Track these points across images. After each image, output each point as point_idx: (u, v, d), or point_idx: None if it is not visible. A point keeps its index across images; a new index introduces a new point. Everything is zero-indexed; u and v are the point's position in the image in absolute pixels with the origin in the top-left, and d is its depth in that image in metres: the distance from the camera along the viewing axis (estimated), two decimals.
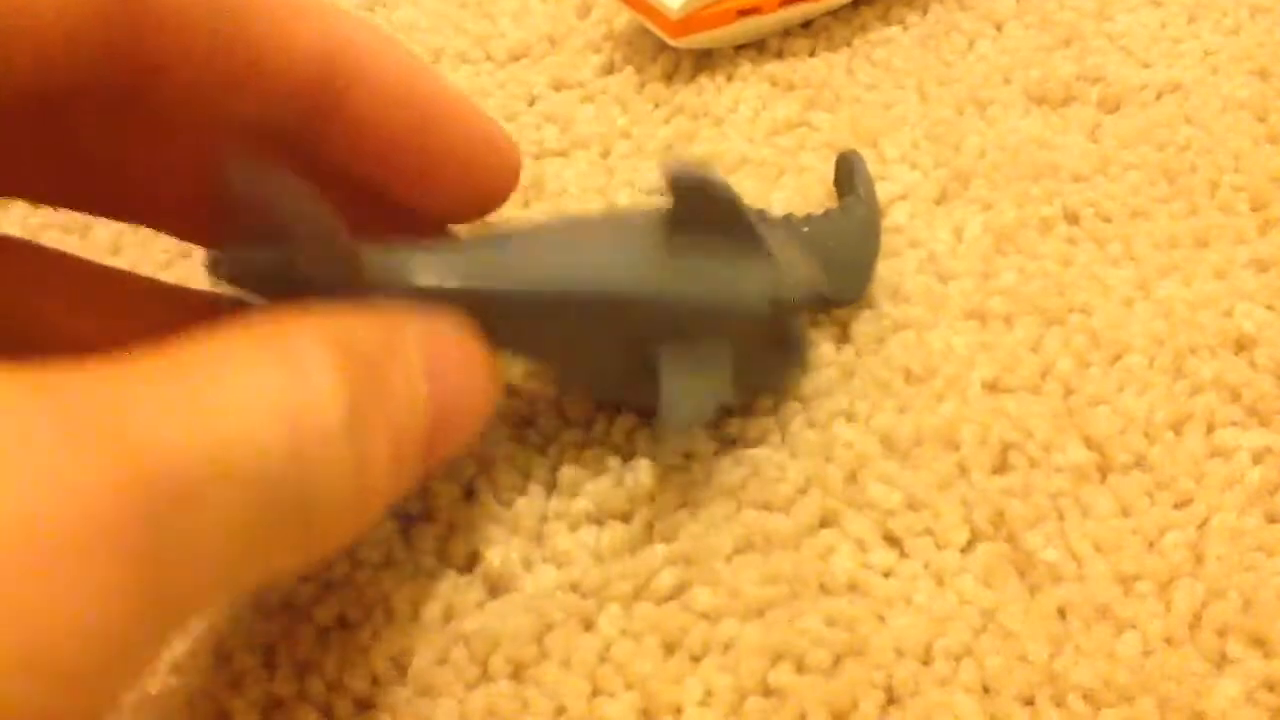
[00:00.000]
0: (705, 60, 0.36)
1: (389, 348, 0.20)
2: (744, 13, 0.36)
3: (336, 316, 0.19)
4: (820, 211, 0.29)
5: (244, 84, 0.21)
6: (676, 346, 0.24)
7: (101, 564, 0.14)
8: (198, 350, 0.17)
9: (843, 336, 0.28)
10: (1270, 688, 0.23)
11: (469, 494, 0.25)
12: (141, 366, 0.16)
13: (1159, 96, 0.35)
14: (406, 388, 0.20)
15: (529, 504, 0.25)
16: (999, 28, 0.37)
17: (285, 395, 0.17)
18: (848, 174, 0.30)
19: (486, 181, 0.25)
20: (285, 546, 0.18)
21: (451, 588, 0.24)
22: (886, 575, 0.25)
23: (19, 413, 0.14)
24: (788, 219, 0.28)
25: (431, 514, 0.25)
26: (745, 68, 0.36)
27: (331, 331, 0.19)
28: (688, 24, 0.35)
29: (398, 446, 0.19)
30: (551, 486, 0.26)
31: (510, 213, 0.31)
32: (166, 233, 0.26)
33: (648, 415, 0.26)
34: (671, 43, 0.35)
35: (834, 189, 0.31)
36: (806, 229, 0.28)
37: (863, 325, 0.28)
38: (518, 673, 0.23)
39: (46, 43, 0.19)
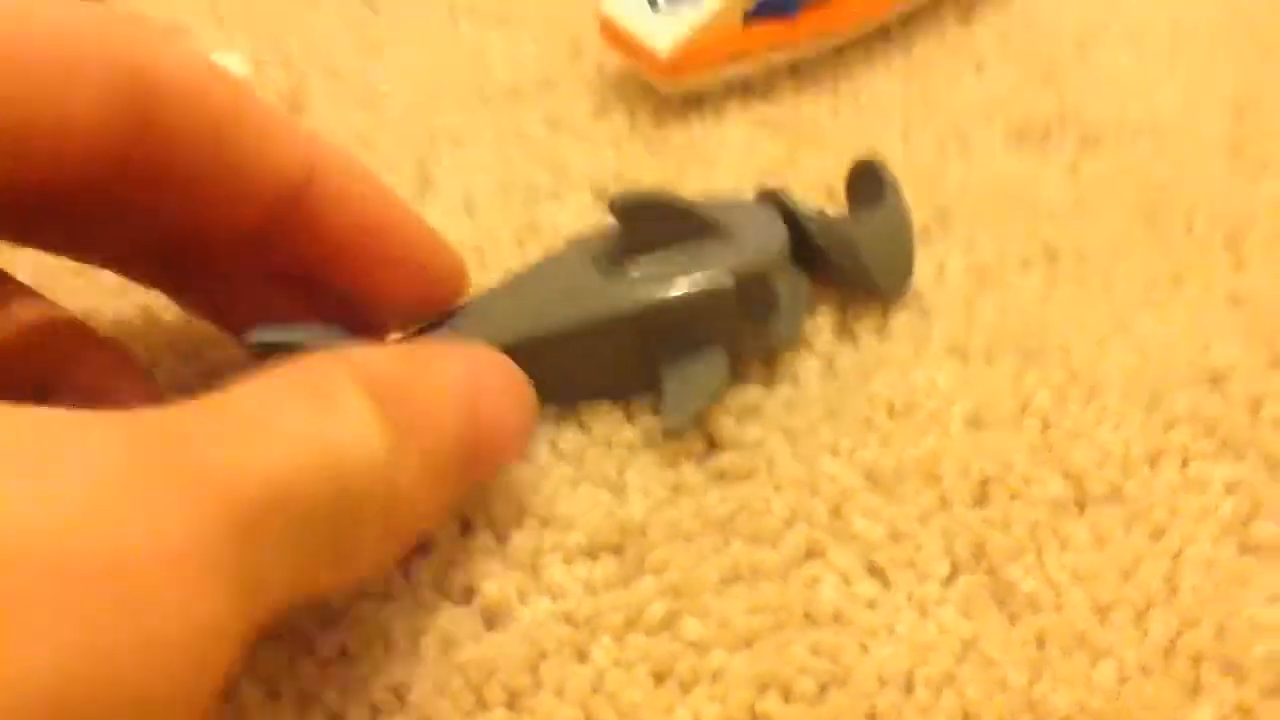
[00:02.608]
0: (694, 102, 0.37)
1: (419, 379, 0.22)
2: (731, 57, 0.36)
3: (367, 355, 0.21)
4: (857, 212, 0.30)
5: (229, 187, 0.23)
6: (674, 354, 0.27)
7: (207, 581, 0.16)
8: (243, 393, 0.19)
9: (828, 372, 0.29)
10: (1243, 713, 0.24)
11: (466, 528, 0.26)
12: (199, 407, 0.18)
13: (1136, 135, 0.36)
14: (438, 416, 0.22)
15: (523, 537, 0.26)
16: (980, 67, 0.38)
17: (326, 432, 0.19)
18: (870, 180, 0.31)
19: (436, 283, 0.27)
20: (332, 566, 0.19)
21: (449, 619, 0.25)
22: (870, 606, 0.25)
23: (109, 451, 0.16)
24: (831, 219, 0.30)
25: (429, 548, 0.26)
26: (733, 109, 0.37)
27: (363, 370, 0.20)
28: (676, 67, 0.36)
29: (432, 471, 0.21)
30: (547, 521, 0.26)
31: (506, 253, 0.32)
32: (128, 277, 0.28)
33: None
34: (660, 87, 0.36)
35: (847, 199, 0.32)
36: (851, 228, 0.30)
37: (846, 361, 0.29)
38: (513, 701, 0.24)
39: (68, 139, 0.21)
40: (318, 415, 0.19)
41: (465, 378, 0.23)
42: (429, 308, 0.27)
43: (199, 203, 0.23)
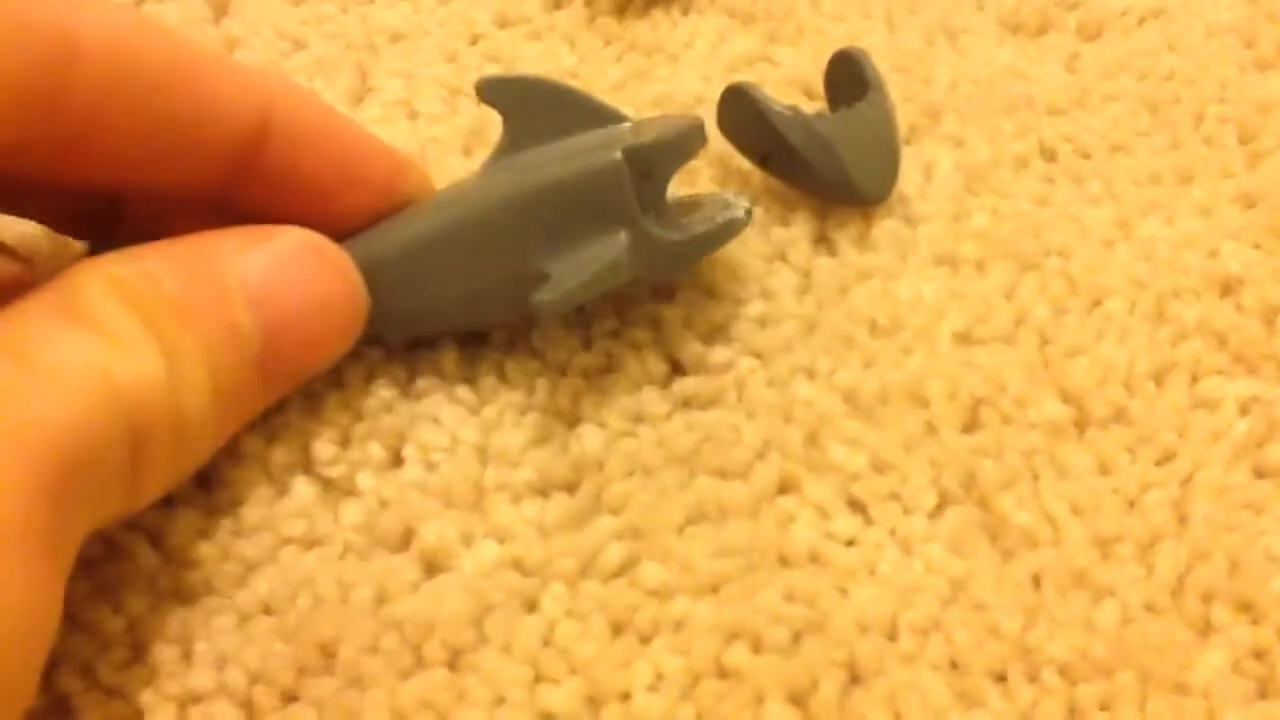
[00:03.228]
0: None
1: (196, 281, 0.20)
2: None
3: (130, 260, 0.20)
4: (838, 110, 0.28)
5: (172, 145, 0.21)
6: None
7: (24, 551, 0.16)
8: (13, 331, 0.18)
9: (804, 286, 0.27)
10: (1258, 656, 0.22)
11: (396, 461, 0.24)
12: None
13: (1141, 22, 0.33)
14: (224, 321, 0.20)
15: (465, 473, 0.23)
16: None
17: (105, 364, 0.18)
18: (852, 72, 0.28)
19: (401, 206, 0.25)
20: (124, 501, 0.19)
21: (383, 568, 0.22)
22: (849, 544, 0.23)
23: None
24: (807, 116, 0.27)
25: (356, 486, 0.23)
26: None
27: (124, 283, 0.19)
28: None
29: (226, 388, 0.20)
30: (491, 455, 0.24)
31: (451, 160, 0.29)
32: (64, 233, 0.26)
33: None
34: None
35: (826, 96, 0.29)
36: (830, 126, 0.27)
37: (824, 274, 0.27)
38: (454, 659, 0.22)
39: None
40: (91, 346, 0.18)
41: (261, 271, 0.21)
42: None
43: (141, 162, 0.21)
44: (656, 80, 0.31)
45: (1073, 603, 0.22)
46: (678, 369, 0.25)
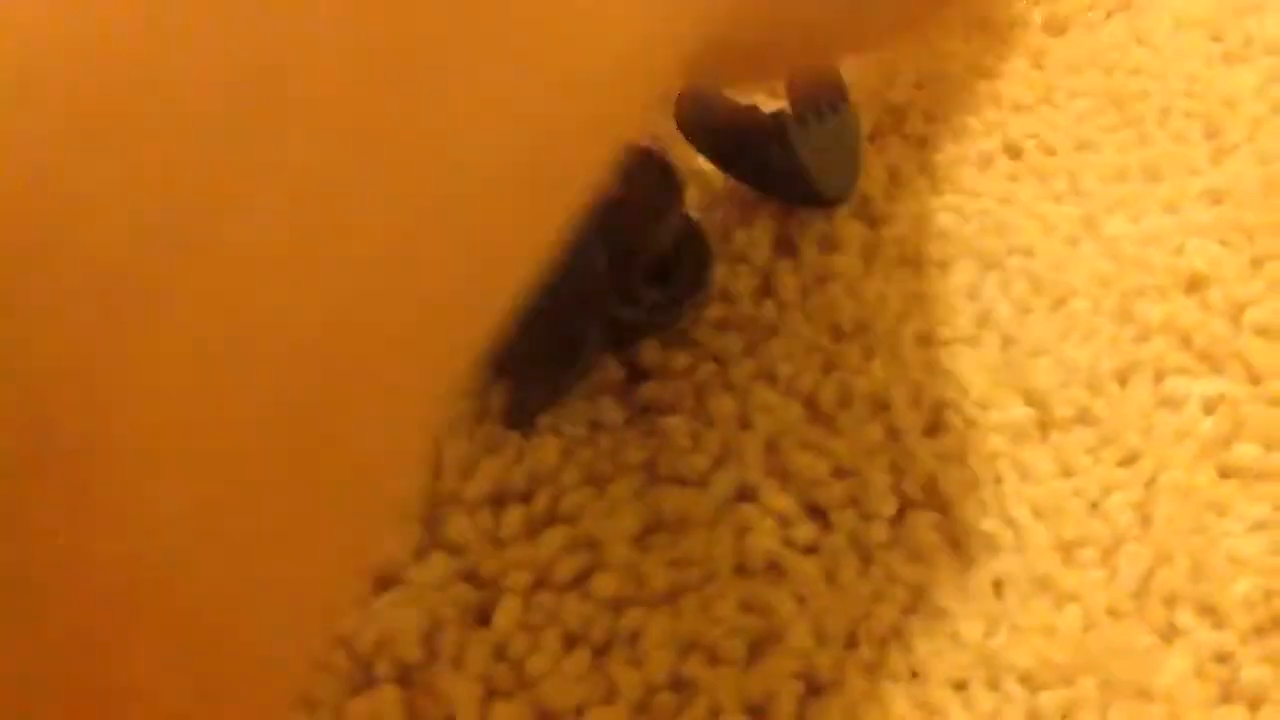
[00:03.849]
0: None
1: None
2: None
3: None
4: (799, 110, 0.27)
5: None
6: None
7: None
8: None
9: (764, 289, 0.26)
10: (1221, 660, 0.22)
11: None
12: None
13: (1108, 16, 0.33)
14: None
15: (417, 485, 0.23)
16: None
17: None
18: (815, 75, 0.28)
19: None
20: None
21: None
22: (808, 551, 0.23)
23: None
24: (767, 115, 0.26)
25: None
26: None
27: None
28: None
29: None
30: (444, 465, 0.23)
31: None
32: None
33: None
34: None
35: (787, 97, 0.29)
36: (790, 127, 0.26)
37: (785, 276, 0.26)
38: (405, 676, 0.21)
39: None
40: None
41: None
42: None
43: None
44: None
45: (1034, 609, 0.22)
46: (636, 373, 0.25)
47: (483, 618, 0.22)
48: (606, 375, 0.25)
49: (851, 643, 0.22)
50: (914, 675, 0.21)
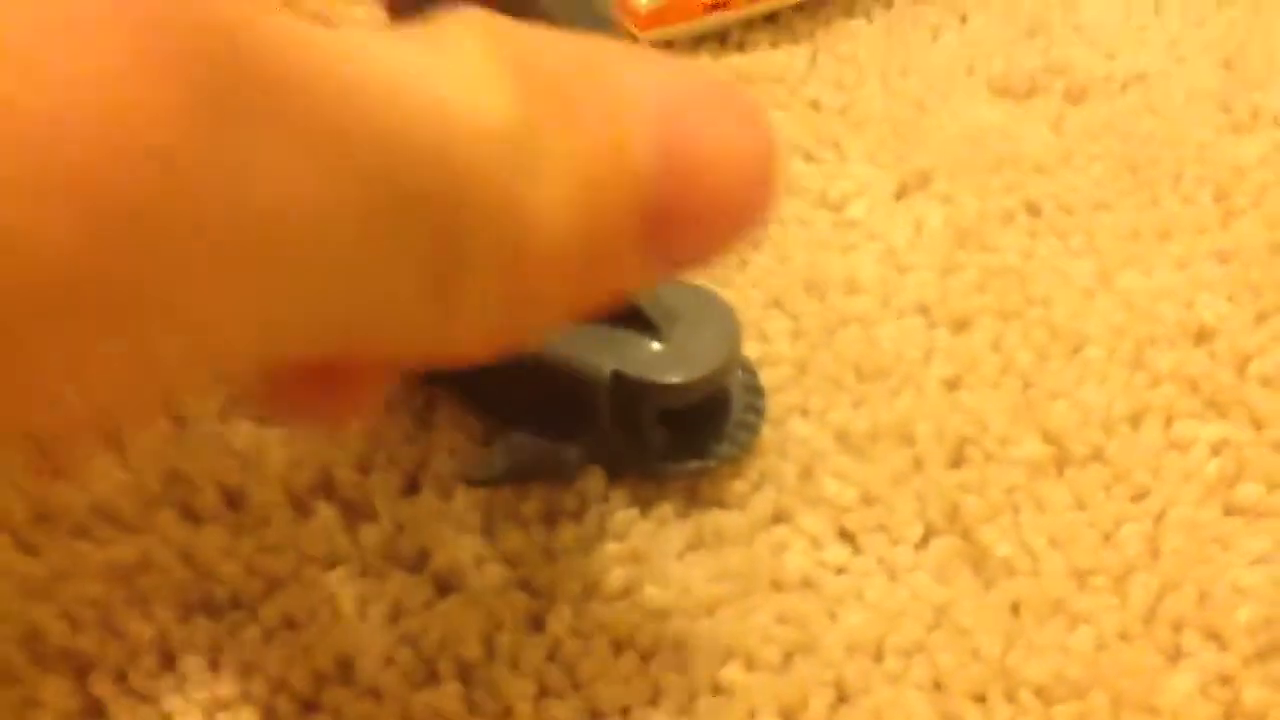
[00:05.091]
0: (663, 49, 0.36)
1: (588, 73, 0.15)
2: (711, 7, 0.36)
3: (518, 27, 0.15)
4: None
5: None
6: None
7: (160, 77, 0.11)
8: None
9: (796, 331, 0.28)
10: (1224, 681, 0.23)
11: (411, 488, 0.25)
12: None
13: (1124, 87, 0.35)
14: (611, 124, 0.15)
15: (476, 500, 0.25)
16: (964, 19, 0.37)
17: (436, 84, 0.14)
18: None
19: None
20: (430, 293, 0.14)
21: (399, 586, 0.24)
22: (839, 572, 0.24)
23: None
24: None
25: (374, 513, 0.25)
26: (705, 60, 0.36)
27: (503, 36, 0.15)
28: (656, 17, 0.35)
29: (591, 200, 0.15)
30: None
31: None
32: None
33: None
34: (638, 35, 0.35)
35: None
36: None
37: (814, 319, 0.28)
38: (466, 674, 0.23)
39: None
40: (430, 60, 0.14)
41: (660, 86, 0.15)
42: None
43: None
44: None
45: (1050, 629, 0.23)
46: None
47: (536, 624, 0.24)
48: None
49: (878, 655, 0.23)
50: (936, 686, 0.23)
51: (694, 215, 0.16)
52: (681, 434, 0.25)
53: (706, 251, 0.16)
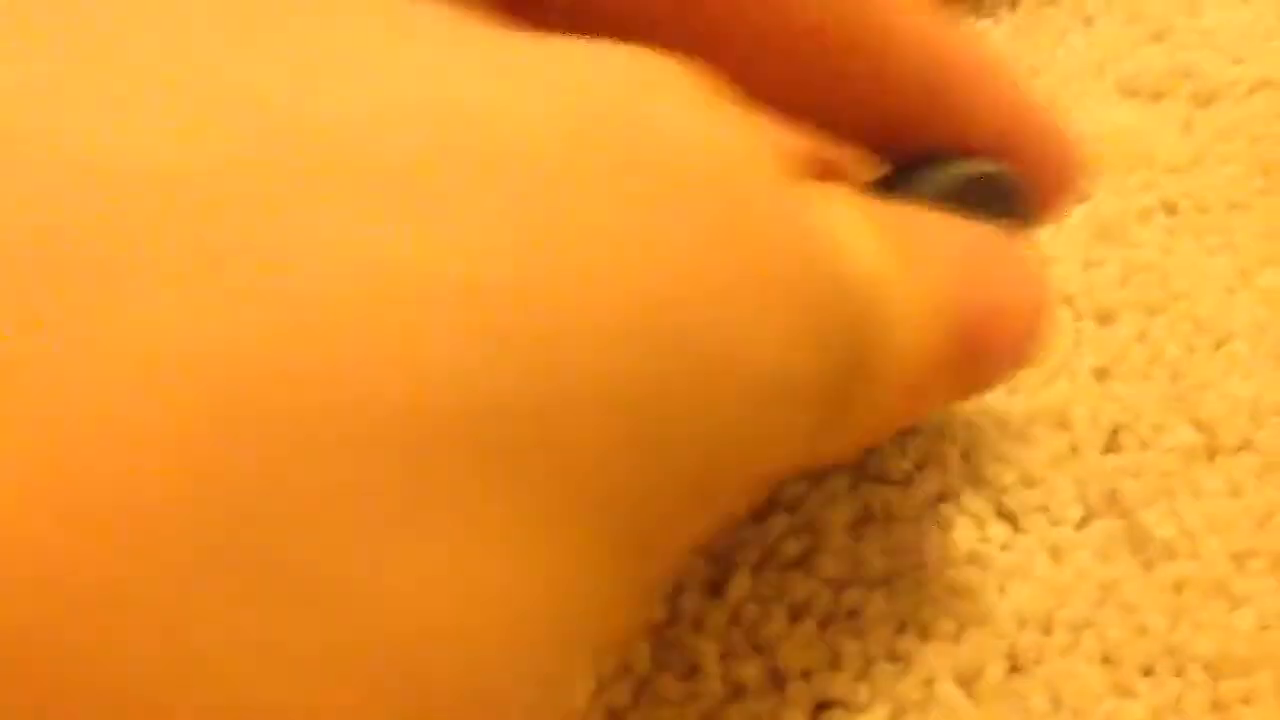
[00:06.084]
0: None
1: (917, 227, 0.17)
2: None
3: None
4: None
5: None
6: None
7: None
8: None
9: None
10: None
11: None
12: None
13: (1251, 92, 0.36)
14: (943, 285, 0.16)
15: None
16: (1089, 22, 0.38)
17: (831, 238, 0.14)
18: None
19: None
20: (827, 425, 0.14)
21: None
22: (1004, 549, 0.25)
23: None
24: None
25: None
26: None
27: (864, 202, 0.16)
28: None
29: (928, 345, 0.16)
30: None
31: None
32: None
33: None
34: None
35: None
36: None
37: None
38: (653, 634, 0.24)
39: None
40: (818, 216, 0.14)
41: (964, 249, 0.17)
42: None
43: None
44: None
45: (1214, 608, 0.24)
46: None
47: (716, 590, 0.24)
48: None
49: (1048, 628, 0.24)
50: (1106, 660, 0.24)
51: (988, 356, 0.18)
52: None
53: (988, 386, 0.20)
